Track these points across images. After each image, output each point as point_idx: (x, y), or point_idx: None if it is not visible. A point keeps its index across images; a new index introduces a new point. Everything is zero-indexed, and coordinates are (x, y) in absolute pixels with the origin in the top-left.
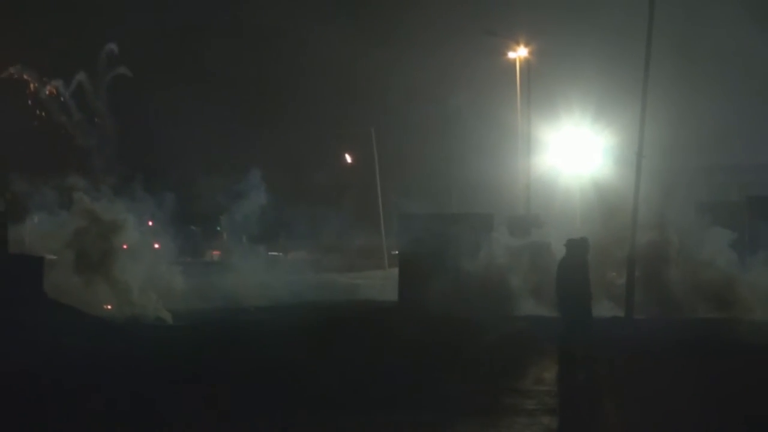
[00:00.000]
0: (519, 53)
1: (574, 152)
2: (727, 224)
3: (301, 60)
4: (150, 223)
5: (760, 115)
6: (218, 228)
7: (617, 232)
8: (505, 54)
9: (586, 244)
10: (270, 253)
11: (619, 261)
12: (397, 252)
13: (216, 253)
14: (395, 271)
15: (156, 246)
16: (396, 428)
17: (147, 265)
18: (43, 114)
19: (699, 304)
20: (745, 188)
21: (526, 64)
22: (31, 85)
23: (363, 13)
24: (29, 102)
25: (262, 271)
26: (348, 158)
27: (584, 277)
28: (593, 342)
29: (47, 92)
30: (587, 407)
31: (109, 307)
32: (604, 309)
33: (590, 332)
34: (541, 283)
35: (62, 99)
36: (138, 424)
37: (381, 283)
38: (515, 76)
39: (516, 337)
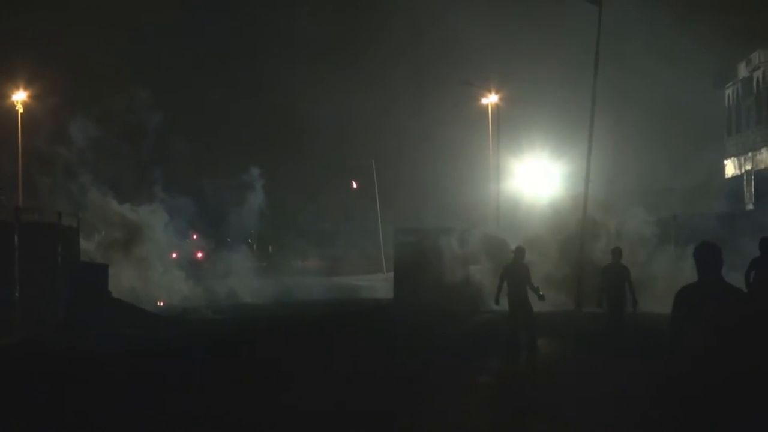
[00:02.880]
0: (491, 99)
1: (535, 179)
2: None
3: (312, 107)
4: (194, 237)
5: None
6: (249, 240)
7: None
8: (479, 100)
9: (522, 250)
10: (293, 262)
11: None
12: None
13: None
14: (391, 274)
15: (199, 255)
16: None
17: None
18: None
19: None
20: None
21: (497, 108)
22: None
23: (362, 64)
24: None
25: (287, 275)
26: (354, 184)
27: (526, 275)
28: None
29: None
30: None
31: (161, 303)
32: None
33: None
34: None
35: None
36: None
37: (380, 284)
38: (488, 117)
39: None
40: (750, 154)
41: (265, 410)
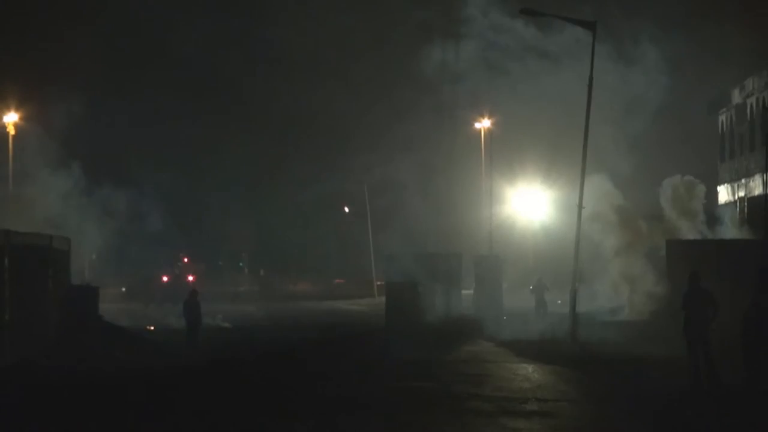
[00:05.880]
0: (483, 124)
1: (527, 204)
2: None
3: (302, 130)
4: (185, 260)
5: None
6: (240, 264)
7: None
8: (472, 125)
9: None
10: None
11: None
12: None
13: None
14: (382, 298)
15: (191, 278)
16: None
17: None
18: None
19: None
20: None
21: (489, 133)
22: None
23: (358, 86)
24: None
25: (278, 299)
26: (346, 209)
27: None
28: None
29: None
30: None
31: (152, 327)
32: None
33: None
34: None
35: None
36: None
37: (370, 309)
38: (480, 142)
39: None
40: (743, 180)
41: None
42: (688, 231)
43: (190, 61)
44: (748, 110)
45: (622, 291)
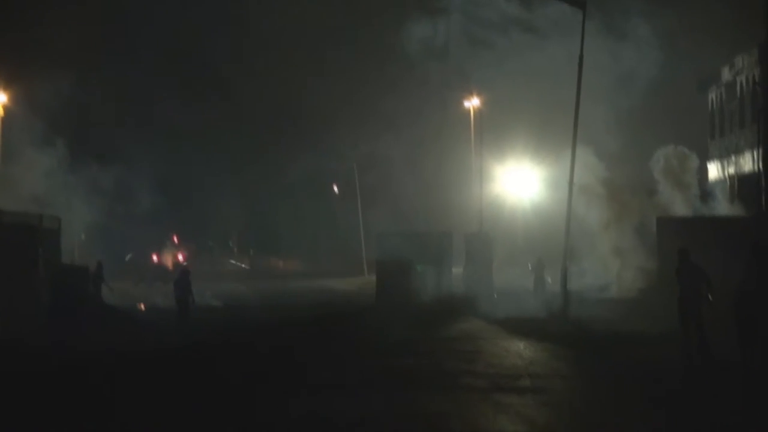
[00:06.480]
0: (473, 103)
1: (517, 182)
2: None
3: (291, 109)
4: (175, 239)
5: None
6: (230, 243)
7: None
8: (462, 104)
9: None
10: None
11: None
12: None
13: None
14: (373, 277)
15: (180, 257)
16: None
17: None
18: None
19: None
20: None
21: (479, 112)
22: None
23: (348, 65)
24: None
25: (268, 278)
26: (335, 189)
27: None
28: None
29: None
30: None
31: (143, 306)
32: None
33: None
34: None
35: None
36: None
37: (360, 288)
38: (470, 121)
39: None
40: (733, 157)
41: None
42: (682, 204)
43: (177, 42)
44: (738, 88)
45: (612, 266)
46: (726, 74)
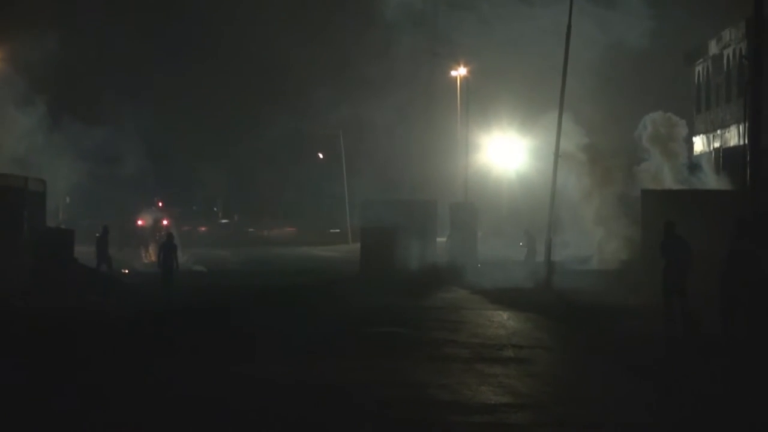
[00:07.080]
0: (459, 72)
1: (502, 152)
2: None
3: (277, 76)
4: (160, 204)
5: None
6: (215, 209)
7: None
8: (449, 73)
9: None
10: (250, 230)
11: None
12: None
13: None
14: (357, 245)
15: (165, 222)
16: None
17: None
18: None
19: None
20: None
21: (465, 81)
22: None
23: (334, 35)
24: None
25: (252, 244)
26: (320, 156)
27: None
28: None
29: None
30: None
31: (126, 271)
32: None
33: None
34: None
35: None
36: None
37: (344, 255)
38: (456, 90)
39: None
40: (719, 131)
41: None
42: (669, 173)
43: (162, 3)
44: (725, 61)
45: (594, 235)
46: (713, 47)
